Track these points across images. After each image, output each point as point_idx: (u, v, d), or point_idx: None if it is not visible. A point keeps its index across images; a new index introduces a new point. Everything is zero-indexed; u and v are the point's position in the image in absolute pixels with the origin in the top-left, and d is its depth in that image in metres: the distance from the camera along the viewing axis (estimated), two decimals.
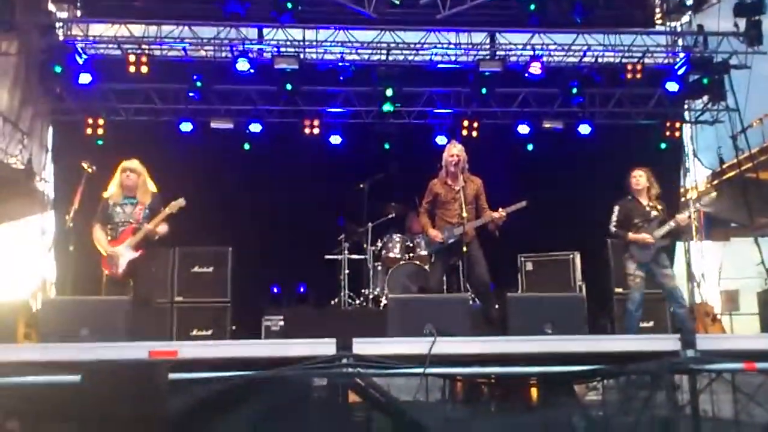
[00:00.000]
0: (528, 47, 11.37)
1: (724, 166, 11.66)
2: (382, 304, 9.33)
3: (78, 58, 10.42)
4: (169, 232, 6.85)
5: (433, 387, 4.96)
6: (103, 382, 4.12)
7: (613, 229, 7.26)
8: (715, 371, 4.74)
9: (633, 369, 4.67)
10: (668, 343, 4.77)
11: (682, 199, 11.67)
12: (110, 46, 11.12)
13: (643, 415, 4.74)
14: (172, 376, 4.22)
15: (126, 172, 6.81)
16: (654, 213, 7.20)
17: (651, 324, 7.55)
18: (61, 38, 10.94)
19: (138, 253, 6.64)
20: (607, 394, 5.48)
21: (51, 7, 11.04)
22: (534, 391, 5.28)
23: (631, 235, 7.11)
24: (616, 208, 7.30)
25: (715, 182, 11.71)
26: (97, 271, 6.85)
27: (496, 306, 7.10)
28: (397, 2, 10.22)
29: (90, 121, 11.01)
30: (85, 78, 10.45)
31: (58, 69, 10.19)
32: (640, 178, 7.29)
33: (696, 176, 12.22)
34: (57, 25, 11.07)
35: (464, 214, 6.92)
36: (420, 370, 4.54)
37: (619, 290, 8.37)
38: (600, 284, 9.08)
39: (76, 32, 11.16)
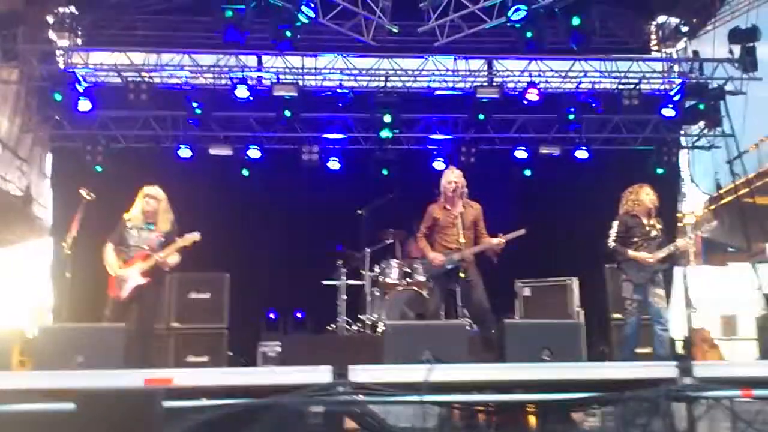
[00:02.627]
0: (525, 74, 11.48)
1: (721, 192, 11.69)
2: (379, 331, 9.30)
3: (78, 85, 10.49)
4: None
5: (430, 414, 4.93)
6: (97, 411, 4.09)
7: (611, 243, 6.92)
8: (713, 398, 4.71)
9: (630, 396, 4.64)
10: (666, 370, 4.74)
11: (680, 224, 11.68)
12: (110, 73, 11.21)
13: None
14: (167, 404, 4.19)
15: (147, 198, 6.84)
16: (654, 233, 6.94)
17: (648, 350, 7.43)
18: (61, 66, 11.02)
19: (145, 280, 6.63)
20: (606, 421, 5.46)
21: (52, 35, 11.14)
22: (532, 419, 5.25)
23: (631, 253, 6.84)
24: (616, 223, 6.99)
25: (713, 207, 11.74)
26: (94, 297, 6.84)
27: (494, 332, 7.08)
28: (396, 30, 10.32)
29: (89, 148, 11.06)
30: (84, 105, 10.51)
31: (58, 97, 10.26)
32: (653, 195, 7.02)
33: (693, 202, 12.24)
34: (58, 53, 11.17)
35: (462, 240, 6.92)
36: (417, 398, 4.52)
37: (617, 316, 8.31)
38: (598, 310, 9.04)
39: (77, 60, 11.25)
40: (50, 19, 10.98)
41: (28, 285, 9.47)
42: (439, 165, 11.44)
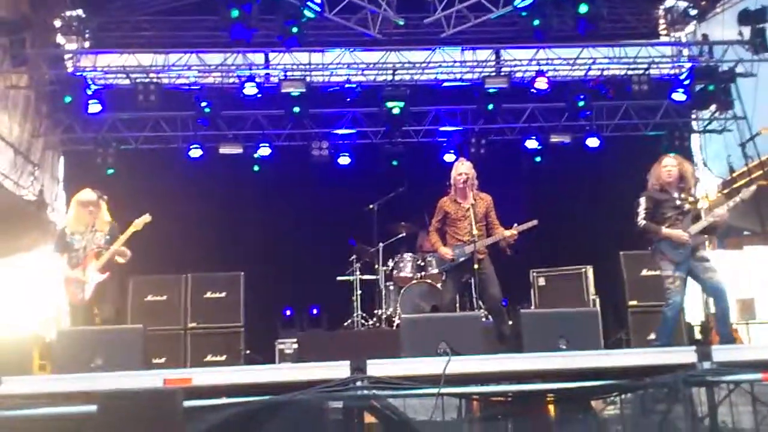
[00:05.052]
0: (533, 62, 11.43)
1: (735, 175, 11.59)
2: (395, 324, 9.29)
3: (87, 89, 10.53)
4: (131, 258, 6.79)
5: (449, 406, 4.94)
6: (118, 412, 4.12)
7: (641, 222, 6.32)
8: (733, 382, 4.69)
9: (649, 383, 4.61)
10: (685, 355, 4.71)
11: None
12: (119, 75, 11.27)
13: (662, 428, 4.70)
14: (187, 403, 4.22)
15: (83, 206, 6.77)
16: (687, 206, 6.34)
17: (653, 336, 7.25)
18: (70, 70, 11.09)
19: (105, 275, 6.62)
20: (625, 409, 5.44)
21: (60, 39, 11.19)
22: (551, 408, 5.24)
23: (665, 230, 6.23)
24: (642, 199, 6.39)
25: (726, 191, 11.64)
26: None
27: (509, 322, 7.06)
28: (402, 22, 10.29)
29: (100, 150, 11.13)
30: (94, 108, 10.57)
31: (68, 99, 10.31)
32: (672, 168, 6.41)
33: (707, 185, 12.16)
34: (66, 57, 11.23)
35: (475, 232, 6.90)
36: (435, 390, 4.52)
37: (633, 303, 8.27)
38: (613, 297, 9.00)
39: (85, 63, 11.31)
40: (58, 23, 11.05)
41: (44, 289, 9.52)
42: (449, 157, 11.42)
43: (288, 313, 10.86)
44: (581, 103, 11.13)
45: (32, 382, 4.74)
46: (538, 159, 11.86)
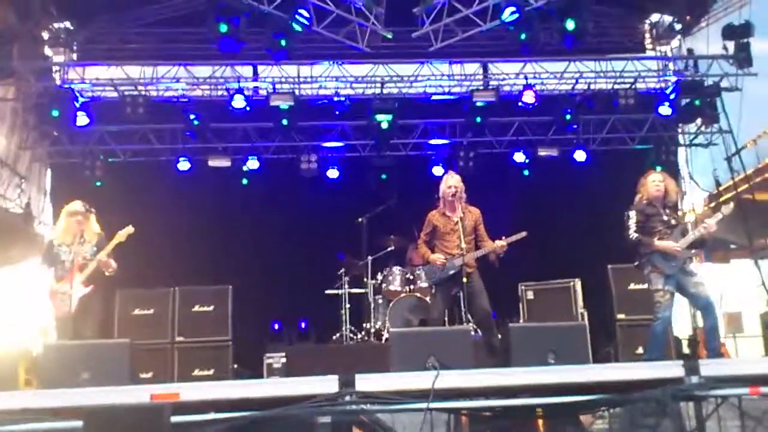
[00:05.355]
0: (521, 76, 11.51)
1: (721, 189, 11.66)
2: (384, 338, 9.29)
3: (75, 101, 10.49)
4: (118, 271, 6.79)
5: (438, 421, 4.91)
6: (104, 428, 4.07)
7: (633, 235, 6.40)
8: (721, 397, 4.70)
9: (637, 397, 4.62)
10: (672, 369, 4.71)
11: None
12: (107, 88, 11.24)
13: None
14: (175, 419, 4.18)
15: (73, 217, 6.78)
16: (673, 221, 6.51)
17: (641, 350, 7.27)
18: (57, 82, 11.06)
19: (89, 288, 6.60)
20: (614, 423, 5.44)
21: (47, 51, 11.16)
22: (540, 423, 5.23)
23: (657, 243, 6.34)
24: (633, 212, 6.50)
25: (713, 204, 11.71)
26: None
27: (498, 336, 7.07)
28: (390, 36, 10.33)
29: (88, 163, 11.08)
30: (82, 120, 10.53)
31: (55, 113, 10.25)
32: (659, 184, 6.56)
33: (693, 199, 12.24)
34: (54, 69, 11.20)
35: (463, 245, 6.91)
36: (424, 405, 4.50)
37: (621, 316, 8.32)
38: (601, 311, 9.04)
39: (73, 75, 11.28)
40: (45, 35, 11.03)
41: (31, 303, 9.44)
42: (438, 170, 11.45)
43: (276, 326, 10.84)
44: (568, 117, 11.20)
45: (18, 397, 4.69)
46: (526, 172, 11.91)
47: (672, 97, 11.18)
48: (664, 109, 11.21)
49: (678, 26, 11.62)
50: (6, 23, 10.01)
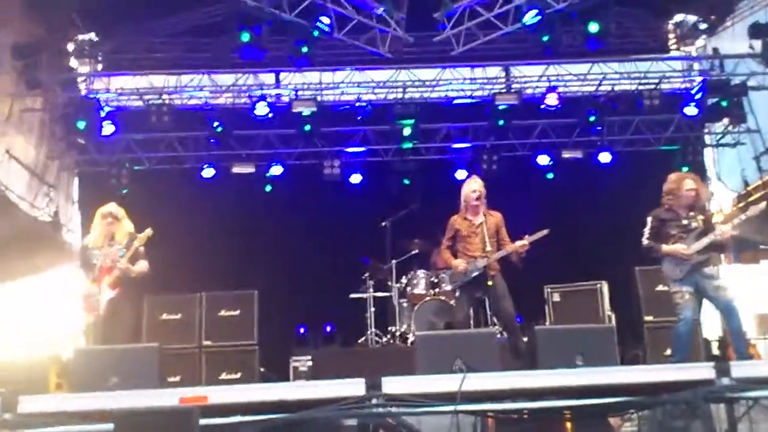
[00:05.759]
0: (543, 78, 11.45)
1: (749, 188, 11.52)
2: (409, 341, 9.28)
3: (101, 111, 10.64)
4: (150, 271, 6.87)
5: (464, 424, 4.89)
6: (134, 431, 4.12)
7: (645, 241, 6.58)
8: (753, 398, 4.63)
9: (667, 399, 4.57)
10: (703, 371, 4.66)
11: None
12: (132, 97, 11.39)
13: None
14: (203, 422, 4.21)
15: (106, 219, 6.88)
16: (694, 224, 6.49)
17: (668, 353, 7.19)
18: (83, 92, 11.22)
19: (114, 292, 6.67)
20: (643, 426, 5.39)
21: (73, 62, 11.34)
22: (569, 425, 5.19)
23: (665, 248, 6.44)
24: (649, 219, 6.62)
25: (741, 205, 11.57)
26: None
27: (524, 339, 7.03)
28: (411, 41, 10.35)
29: (114, 171, 11.23)
30: (108, 129, 10.68)
31: (81, 125, 10.36)
32: (693, 192, 6.55)
33: (721, 200, 12.09)
34: (79, 79, 11.36)
35: (488, 248, 6.89)
36: (451, 407, 4.49)
37: (649, 318, 8.21)
38: (629, 313, 8.94)
39: (98, 86, 11.43)
40: (71, 47, 11.19)
41: (60, 309, 9.57)
42: (461, 174, 11.43)
43: (302, 330, 10.87)
44: (592, 119, 11.13)
45: (49, 400, 4.75)
46: (550, 175, 11.84)
47: (698, 97, 11.06)
48: (690, 110, 11.10)
49: (703, 26, 11.47)
50: (33, 36, 10.19)
